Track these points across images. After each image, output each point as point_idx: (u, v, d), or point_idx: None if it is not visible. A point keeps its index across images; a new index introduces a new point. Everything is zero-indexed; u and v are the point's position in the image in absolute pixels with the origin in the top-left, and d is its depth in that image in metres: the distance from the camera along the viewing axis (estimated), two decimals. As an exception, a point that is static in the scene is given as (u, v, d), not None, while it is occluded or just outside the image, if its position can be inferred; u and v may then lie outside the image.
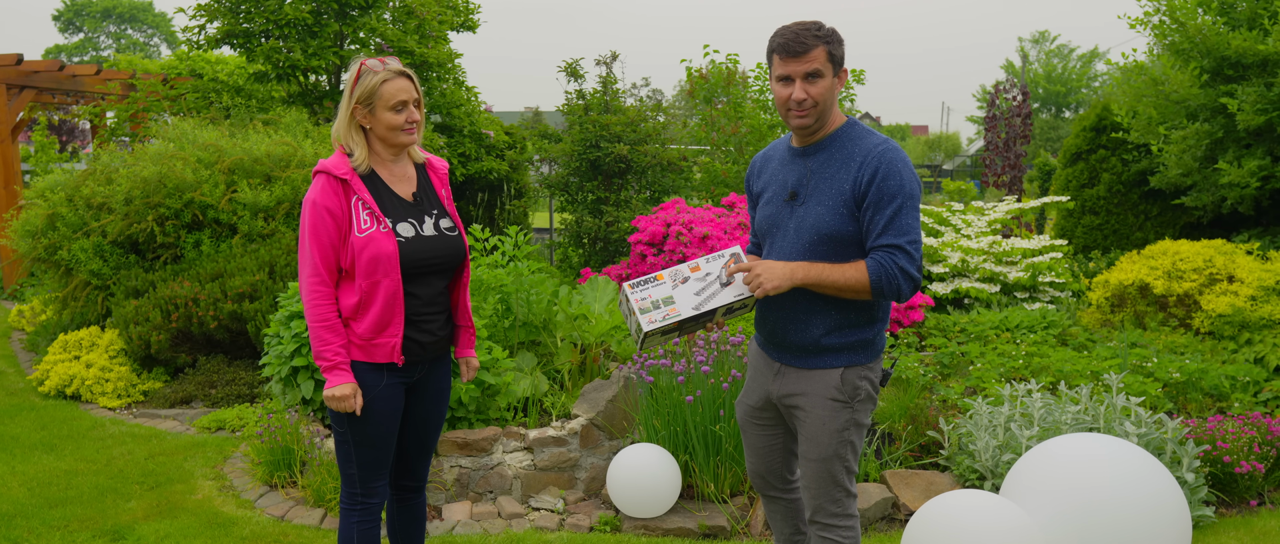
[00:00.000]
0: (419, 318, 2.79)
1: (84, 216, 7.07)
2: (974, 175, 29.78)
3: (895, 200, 2.48)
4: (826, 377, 2.65)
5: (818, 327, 2.62)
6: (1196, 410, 5.03)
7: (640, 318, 2.62)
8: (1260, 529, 3.91)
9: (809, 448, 2.69)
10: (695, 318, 2.64)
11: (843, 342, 2.63)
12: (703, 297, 2.64)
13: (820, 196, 2.57)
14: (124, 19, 49.77)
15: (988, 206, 8.82)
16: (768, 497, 3.03)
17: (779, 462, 2.93)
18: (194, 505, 4.34)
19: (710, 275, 2.67)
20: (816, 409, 2.66)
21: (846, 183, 2.53)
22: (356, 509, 2.83)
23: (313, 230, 2.66)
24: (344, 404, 2.67)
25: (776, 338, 2.73)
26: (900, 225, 2.49)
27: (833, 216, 2.54)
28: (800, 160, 2.66)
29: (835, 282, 2.52)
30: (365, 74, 2.67)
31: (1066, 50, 43.25)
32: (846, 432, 2.67)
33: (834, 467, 2.68)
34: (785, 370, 2.73)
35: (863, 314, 2.63)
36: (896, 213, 2.49)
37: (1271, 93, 6.40)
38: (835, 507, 2.73)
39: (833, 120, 2.63)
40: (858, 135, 2.60)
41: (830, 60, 2.54)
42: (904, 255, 2.49)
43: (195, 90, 9.56)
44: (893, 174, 2.49)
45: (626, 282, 2.75)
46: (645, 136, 8.75)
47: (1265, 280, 6.15)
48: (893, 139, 2.59)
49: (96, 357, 6.34)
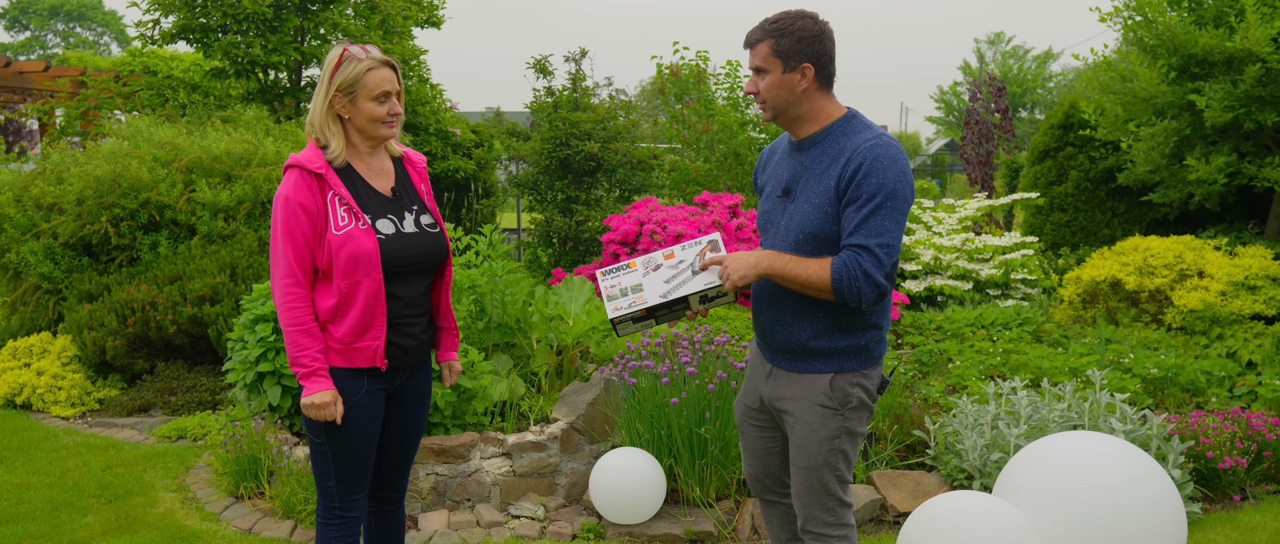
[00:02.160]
0: (400, 320, 2.65)
1: (33, 218, 6.79)
2: (935, 174, 30.10)
3: (874, 198, 2.33)
4: (815, 382, 2.53)
5: (805, 329, 2.51)
6: (1174, 406, 5.04)
7: (607, 304, 2.57)
8: (1247, 525, 3.90)
9: (799, 455, 2.59)
10: (666, 306, 2.54)
11: (832, 346, 2.51)
12: (672, 284, 2.55)
13: (809, 193, 2.46)
14: (72, 16, 48.50)
15: (959, 204, 8.84)
16: (765, 501, 2.92)
17: (776, 464, 2.82)
18: (155, 519, 4.14)
19: (683, 262, 2.58)
20: (805, 415, 2.55)
21: (832, 179, 2.41)
22: (335, 524, 2.68)
23: (285, 228, 2.51)
24: (323, 413, 2.51)
25: (767, 338, 2.63)
26: (874, 226, 2.34)
27: (818, 215, 2.42)
28: (796, 155, 2.55)
29: (798, 276, 2.40)
30: (347, 61, 2.52)
31: (1022, 51, 43.85)
32: (837, 439, 2.55)
33: (824, 475, 2.57)
34: (776, 372, 2.63)
35: (855, 318, 2.49)
36: (873, 212, 2.34)
37: (1238, 90, 6.45)
38: (828, 516, 2.62)
39: (821, 114, 2.49)
40: (852, 130, 2.46)
41: (775, 55, 2.41)
42: (871, 258, 2.33)
43: (149, 87, 9.25)
44: (876, 171, 2.34)
45: (600, 269, 2.67)
46: (616, 134, 8.64)
47: (1234, 276, 6.20)
48: (890, 135, 2.45)
49: (48, 364, 6.08)
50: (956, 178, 27.56)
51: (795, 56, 2.41)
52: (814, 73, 2.44)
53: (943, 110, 44.46)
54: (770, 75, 2.44)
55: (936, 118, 45.82)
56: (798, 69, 2.43)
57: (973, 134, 11.14)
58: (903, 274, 7.75)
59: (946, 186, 26.44)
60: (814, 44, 2.42)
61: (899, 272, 7.77)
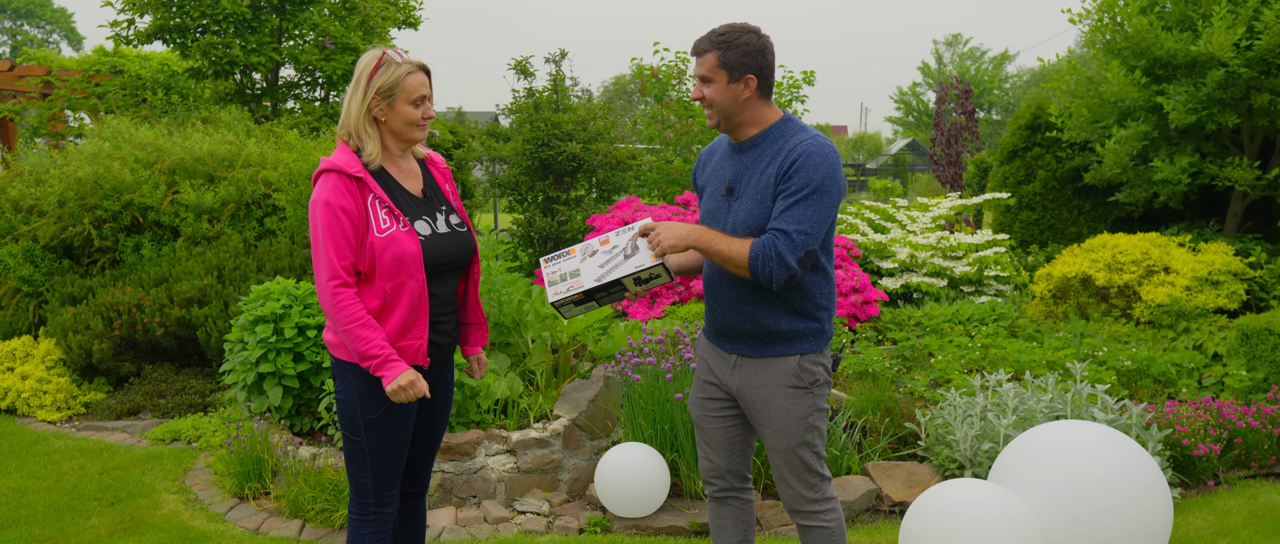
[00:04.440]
0: (437, 318, 2.72)
1: (12, 220, 6.71)
2: (897, 174, 30.53)
3: (802, 191, 2.51)
4: (783, 365, 2.69)
5: (766, 315, 2.66)
6: (1147, 396, 5.26)
7: (547, 289, 2.72)
8: (1222, 508, 4.11)
9: (776, 438, 2.73)
10: (602, 288, 2.68)
11: (793, 328, 2.67)
12: (606, 268, 2.69)
13: (751, 191, 2.62)
14: (20, 14, 47.29)
15: (932, 203, 9.05)
16: (721, 499, 3.01)
17: (739, 454, 2.95)
18: (161, 521, 4.15)
19: (616, 247, 2.71)
20: (779, 399, 2.70)
21: (771, 175, 2.58)
22: (370, 520, 2.74)
23: (328, 231, 2.54)
24: (411, 392, 2.56)
25: (727, 329, 2.76)
26: (796, 214, 2.50)
27: (760, 210, 2.59)
28: (737, 156, 2.71)
29: (720, 250, 2.56)
30: (386, 64, 2.58)
31: (979, 52, 44.68)
32: (811, 417, 2.72)
33: (804, 454, 2.73)
34: (742, 361, 2.75)
35: (807, 301, 2.66)
36: (799, 202, 2.50)
37: (1201, 93, 6.71)
38: (812, 492, 2.78)
39: (762, 117, 2.66)
40: (789, 131, 2.64)
41: (721, 66, 2.57)
42: (787, 241, 2.49)
43: (122, 88, 9.14)
44: (808, 166, 2.52)
45: (543, 256, 2.82)
46: (597, 135, 8.72)
47: (1198, 271, 6.46)
48: (824, 135, 2.63)
49: (32, 367, 6.01)
50: (918, 177, 28.02)
51: (740, 68, 2.58)
52: (757, 83, 2.61)
53: (902, 110, 45.07)
54: (716, 84, 2.60)
55: (896, 118, 46.41)
56: (742, 80, 2.59)
57: (942, 135, 11.40)
58: (880, 271, 7.93)
59: (908, 186, 26.87)
60: (758, 57, 2.59)
61: (876, 269, 7.95)
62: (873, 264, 8.02)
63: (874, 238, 8.16)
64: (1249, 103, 6.73)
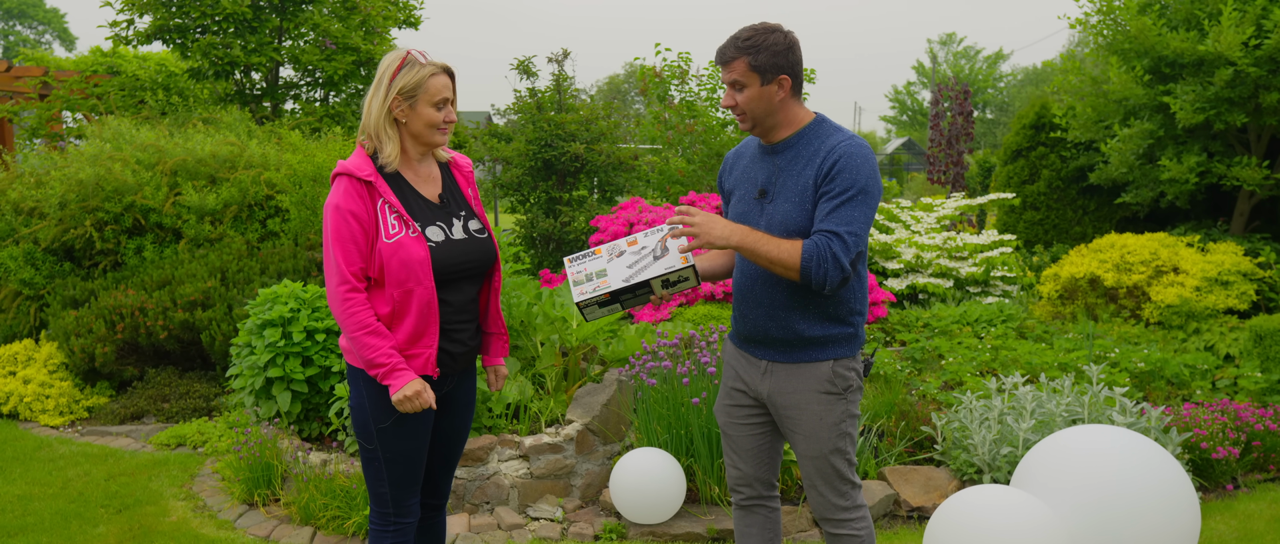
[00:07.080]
0: (450, 327, 2.67)
1: (12, 222, 6.63)
2: (893, 173, 30.54)
3: (847, 192, 2.48)
4: (816, 370, 2.64)
5: (799, 320, 2.62)
6: (1161, 398, 5.22)
7: (573, 289, 2.66)
8: (1243, 512, 4.07)
9: (808, 445, 2.68)
10: (629, 290, 2.64)
11: (826, 334, 2.63)
12: (634, 269, 2.65)
13: (787, 193, 2.58)
14: (12, 15, 47.06)
15: (936, 203, 9.02)
16: (748, 508, 2.96)
17: (768, 462, 2.90)
18: (169, 528, 4.08)
19: (645, 248, 2.67)
20: (811, 405, 2.65)
21: (809, 178, 2.54)
22: (389, 530, 2.69)
23: (336, 235, 2.51)
24: (417, 403, 2.51)
25: (758, 335, 2.71)
26: (844, 214, 2.47)
27: (799, 211, 2.55)
28: (769, 158, 2.67)
29: (768, 253, 2.49)
30: (409, 65, 2.52)
31: (973, 51, 44.75)
32: (843, 423, 2.68)
33: (836, 461, 2.69)
34: (773, 367, 2.71)
35: (841, 306, 2.62)
36: (845, 203, 2.48)
37: (1208, 92, 6.69)
38: (844, 501, 2.73)
39: (794, 119, 2.62)
40: (824, 132, 2.61)
41: (753, 70, 2.53)
42: (840, 242, 2.45)
43: (121, 88, 9.05)
44: (849, 167, 2.49)
45: (567, 256, 2.76)
46: (600, 135, 8.67)
47: (1208, 272, 6.43)
48: (859, 136, 2.59)
49: (34, 371, 5.93)
50: (913, 177, 28.02)
51: (772, 70, 2.54)
52: (790, 83, 2.57)
53: (897, 110, 45.12)
54: (749, 89, 2.55)
55: (890, 117, 46.46)
56: (775, 81, 2.55)
57: (940, 136, 11.37)
58: (885, 272, 7.89)
59: (904, 185, 26.86)
60: (787, 55, 2.55)
61: (882, 270, 7.92)
62: (878, 265, 7.98)
63: (879, 238, 8.12)
64: (1257, 101, 6.71)
